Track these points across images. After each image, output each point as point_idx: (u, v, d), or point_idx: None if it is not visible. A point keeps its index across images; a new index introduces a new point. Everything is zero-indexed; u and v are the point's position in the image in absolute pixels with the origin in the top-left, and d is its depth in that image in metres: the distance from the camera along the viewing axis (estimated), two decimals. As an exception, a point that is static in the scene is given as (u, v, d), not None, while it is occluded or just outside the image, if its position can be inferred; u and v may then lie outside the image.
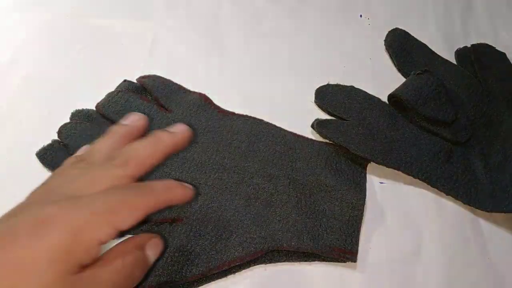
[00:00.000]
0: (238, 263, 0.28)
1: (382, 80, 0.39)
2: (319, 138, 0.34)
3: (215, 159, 0.32)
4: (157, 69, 0.38)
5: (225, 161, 0.32)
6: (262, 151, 0.33)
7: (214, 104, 0.36)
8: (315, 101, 0.37)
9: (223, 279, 0.28)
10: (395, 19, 0.44)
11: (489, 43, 0.41)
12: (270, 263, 0.29)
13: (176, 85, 0.37)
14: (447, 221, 0.32)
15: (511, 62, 0.40)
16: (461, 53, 0.41)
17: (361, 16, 0.44)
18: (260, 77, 0.39)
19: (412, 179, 0.32)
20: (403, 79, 0.38)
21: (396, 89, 0.35)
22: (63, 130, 0.33)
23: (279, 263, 0.29)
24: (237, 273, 0.28)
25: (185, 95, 0.36)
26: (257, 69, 0.40)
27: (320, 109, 0.37)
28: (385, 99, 0.36)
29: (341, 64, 0.40)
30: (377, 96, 0.36)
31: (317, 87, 0.37)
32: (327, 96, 0.36)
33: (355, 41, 0.42)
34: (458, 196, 0.32)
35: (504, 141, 0.34)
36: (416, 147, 0.33)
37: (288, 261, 0.29)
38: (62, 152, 0.32)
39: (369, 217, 0.31)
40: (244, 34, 0.42)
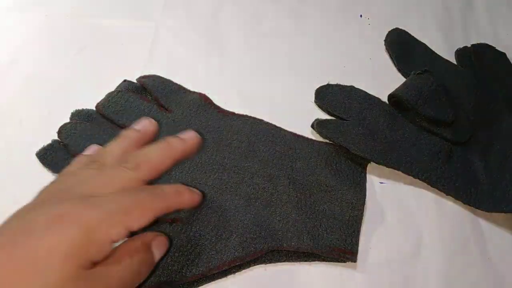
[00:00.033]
0: (238, 263, 0.28)
1: (382, 80, 0.39)
2: (319, 138, 0.34)
3: (215, 159, 0.32)
4: (157, 69, 0.38)
5: (225, 161, 0.32)
6: (262, 151, 0.33)
7: (214, 104, 0.36)
8: (315, 101, 0.37)
9: (223, 279, 0.28)
10: (395, 19, 0.44)
11: (489, 43, 0.41)
12: (270, 263, 0.29)
13: (176, 85, 0.37)
14: (447, 221, 0.32)
15: (511, 62, 0.40)
16: (461, 53, 0.41)
17: (361, 16, 0.44)
18: (260, 77, 0.39)
19: (412, 179, 0.32)
20: (403, 79, 0.38)
21: (396, 89, 0.35)
22: (63, 130, 0.33)
23: (279, 263, 0.29)
24: (237, 273, 0.28)
25: (185, 95, 0.36)
26: (257, 69, 0.40)
27: (320, 109, 0.37)
28: (385, 99, 0.36)
29: (341, 64, 0.40)
30: (377, 96, 0.36)
31: (317, 87, 0.37)
32: (327, 96, 0.36)
33: (355, 41, 0.42)
34: (458, 196, 0.32)
35: (504, 141, 0.34)
36: (416, 147, 0.33)
37: (288, 261, 0.29)
38: (62, 152, 0.32)
39: (369, 217, 0.31)
40: (244, 34, 0.42)
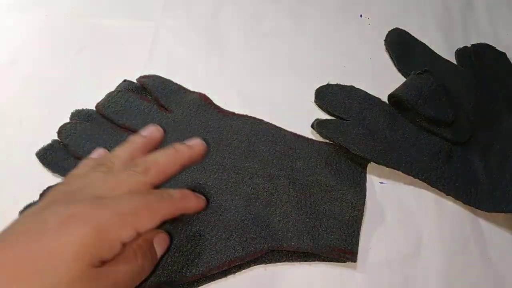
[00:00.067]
0: (238, 263, 0.28)
1: (382, 80, 0.39)
2: (319, 138, 0.34)
3: (215, 159, 0.32)
4: (157, 69, 0.38)
5: (225, 161, 0.32)
6: (262, 151, 0.33)
7: (214, 104, 0.36)
8: (315, 101, 0.37)
9: (223, 279, 0.28)
10: (395, 19, 0.44)
11: (489, 43, 0.41)
12: (270, 263, 0.29)
13: (176, 85, 0.37)
14: (447, 221, 0.32)
15: (511, 62, 0.40)
16: (461, 53, 0.41)
17: (361, 16, 0.44)
18: (260, 77, 0.39)
19: (412, 179, 0.32)
20: (403, 79, 0.38)
21: (396, 89, 0.35)
22: (63, 130, 0.33)
23: (279, 263, 0.29)
24: (237, 273, 0.28)
25: (185, 95, 0.36)
26: (257, 69, 0.40)
27: (320, 109, 0.37)
28: (385, 99, 0.36)
29: (341, 64, 0.40)
30: (377, 96, 0.36)
31: (317, 87, 0.37)
32: (327, 96, 0.36)
33: (355, 41, 0.42)
34: (458, 196, 0.32)
35: (504, 141, 0.34)
36: (416, 147, 0.33)
37: (288, 261, 0.29)
38: (62, 152, 0.32)
39: (369, 217, 0.31)
40: (244, 34, 0.42)
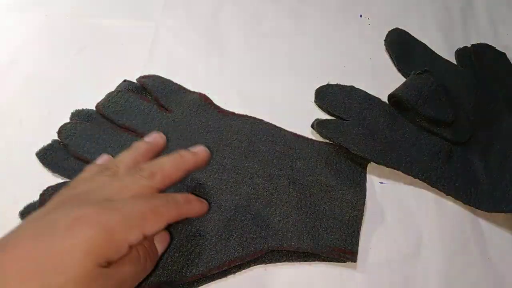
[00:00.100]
0: (238, 263, 0.28)
1: (382, 80, 0.39)
2: (319, 138, 0.34)
3: (215, 159, 0.32)
4: (157, 69, 0.38)
5: (225, 161, 0.32)
6: (262, 151, 0.33)
7: (214, 104, 0.36)
8: (315, 101, 0.37)
9: (223, 279, 0.28)
10: (395, 19, 0.44)
11: (489, 43, 0.41)
12: (270, 263, 0.29)
13: (176, 85, 0.37)
14: (447, 221, 0.32)
15: (511, 62, 0.40)
16: (461, 53, 0.41)
17: (361, 16, 0.44)
18: (260, 77, 0.39)
19: (412, 179, 0.32)
20: (403, 79, 0.38)
21: (396, 89, 0.35)
22: (63, 130, 0.33)
23: (279, 263, 0.29)
24: (237, 273, 0.28)
25: (185, 95, 0.36)
26: (257, 69, 0.40)
27: (320, 109, 0.37)
28: (385, 99, 0.36)
29: (341, 64, 0.40)
30: (377, 96, 0.36)
31: (317, 87, 0.37)
32: (327, 96, 0.36)
33: (355, 41, 0.42)
34: (458, 196, 0.32)
35: (504, 141, 0.34)
36: (416, 147, 0.33)
37: (288, 261, 0.29)
38: (62, 152, 0.32)
39: (369, 217, 0.31)
40: (244, 34, 0.42)
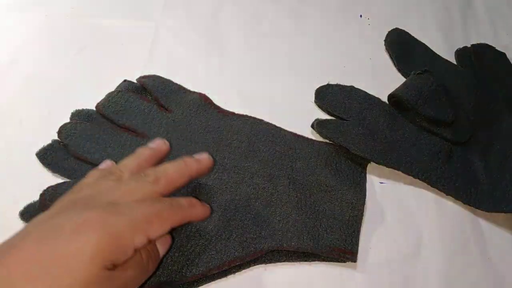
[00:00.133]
0: (238, 263, 0.28)
1: (382, 80, 0.39)
2: (319, 138, 0.34)
3: (215, 159, 0.32)
4: (157, 69, 0.38)
5: (225, 161, 0.32)
6: (262, 151, 0.33)
7: (214, 104, 0.36)
8: (315, 101, 0.37)
9: (223, 279, 0.28)
10: (395, 19, 0.44)
11: (489, 43, 0.41)
12: (270, 263, 0.29)
13: (176, 85, 0.37)
14: (447, 221, 0.32)
15: (511, 62, 0.40)
16: (461, 53, 0.41)
17: (361, 16, 0.44)
18: (260, 77, 0.39)
19: (412, 179, 0.32)
20: (403, 79, 0.38)
21: (396, 89, 0.35)
22: (63, 130, 0.33)
23: (279, 263, 0.29)
24: (237, 273, 0.28)
25: (185, 95, 0.36)
26: (257, 69, 0.40)
27: (320, 109, 0.37)
28: (385, 99, 0.36)
29: (341, 64, 0.40)
30: (377, 96, 0.36)
31: (317, 87, 0.37)
32: (327, 96, 0.36)
33: (355, 41, 0.42)
34: (458, 196, 0.32)
35: (504, 141, 0.34)
36: (416, 147, 0.33)
37: (288, 261, 0.29)
38: (62, 152, 0.32)
39: (369, 217, 0.31)
40: (244, 34, 0.42)
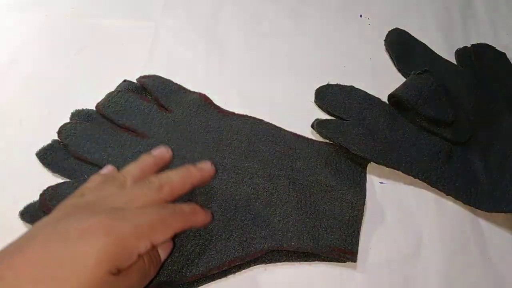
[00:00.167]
0: (238, 263, 0.28)
1: (382, 80, 0.39)
2: (319, 138, 0.34)
3: (215, 159, 0.32)
4: (157, 69, 0.38)
5: (225, 161, 0.32)
6: (262, 151, 0.33)
7: (214, 104, 0.36)
8: (315, 101, 0.37)
9: (223, 279, 0.28)
10: (395, 19, 0.44)
11: (489, 43, 0.41)
12: (270, 263, 0.29)
13: (176, 85, 0.37)
14: (447, 221, 0.32)
15: (511, 62, 0.40)
16: (461, 53, 0.41)
17: (361, 16, 0.44)
18: (260, 77, 0.39)
19: (412, 179, 0.32)
20: (403, 79, 0.38)
21: (396, 89, 0.35)
22: (63, 130, 0.33)
23: (279, 263, 0.29)
24: (237, 273, 0.28)
25: (185, 95, 0.36)
26: (257, 69, 0.40)
27: (320, 109, 0.37)
28: (385, 99, 0.36)
29: (341, 64, 0.40)
30: (377, 96, 0.36)
31: (317, 87, 0.37)
32: (327, 96, 0.36)
33: (355, 41, 0.42)
34: (458, 196, 0.32)
35: (504, 141, 0.34)
36: (416, 147, 0.33)
37: (288, 261, 0.29)
38: (62, 152, 0.32)
39: (369, 217, 0.31)
40: (244, 34, 0.42)
